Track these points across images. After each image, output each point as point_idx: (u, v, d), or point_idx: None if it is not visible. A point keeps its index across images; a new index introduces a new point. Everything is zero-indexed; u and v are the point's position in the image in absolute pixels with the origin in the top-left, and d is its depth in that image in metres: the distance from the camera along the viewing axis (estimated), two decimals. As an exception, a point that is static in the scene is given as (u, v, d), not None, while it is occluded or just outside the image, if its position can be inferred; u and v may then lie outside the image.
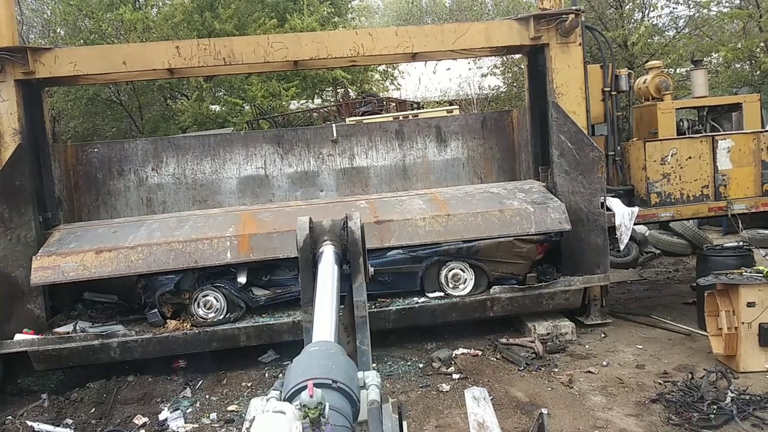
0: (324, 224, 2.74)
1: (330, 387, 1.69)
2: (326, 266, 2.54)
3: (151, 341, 6.84)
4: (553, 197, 7.58)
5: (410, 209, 7.42)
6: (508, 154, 9.11)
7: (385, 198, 7.92)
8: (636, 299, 8.91)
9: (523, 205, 7.40)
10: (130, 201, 8.62)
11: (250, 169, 8.81)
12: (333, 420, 1.55)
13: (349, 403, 1.72)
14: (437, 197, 7.72)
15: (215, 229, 7.13)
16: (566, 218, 7.30)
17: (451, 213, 7.29)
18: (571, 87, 7.81)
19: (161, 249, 6.88)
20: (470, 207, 7.42)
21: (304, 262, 2.66)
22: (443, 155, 9.15)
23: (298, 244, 2.68)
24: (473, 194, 7.79)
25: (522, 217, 7.27)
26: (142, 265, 6.83)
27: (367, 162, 9.07)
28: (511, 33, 7.72)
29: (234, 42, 7.41)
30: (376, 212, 7.33)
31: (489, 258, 7.23)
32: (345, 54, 7.49)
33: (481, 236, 7.16)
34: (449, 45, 7.65)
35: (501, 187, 8.04)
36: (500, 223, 7.23)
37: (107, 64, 7.25)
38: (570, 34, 7.74)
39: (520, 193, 7.73)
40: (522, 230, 7.20)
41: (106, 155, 8.55)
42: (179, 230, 7.16)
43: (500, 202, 7.50)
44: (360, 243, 2.67)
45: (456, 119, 9.39)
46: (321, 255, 2.62)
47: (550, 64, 7.79)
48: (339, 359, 1.87)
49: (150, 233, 7.14)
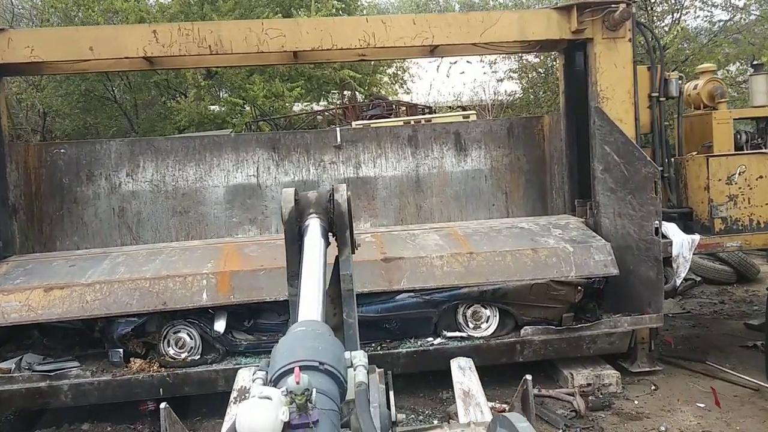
0: (310, 196, 2.68)
1: (317, 369, 1.64)
2: (312, 240, 2.49)
3: (110, 384, 5.66)
4: (595, 235, 6.40)
5: (425, 245, 6.22)
6: (538, 166, 7.91)
7: (394, 231, 6.74)
8: (683, 338, 7.69)
9: (561, 244, 6.21)
10: (99, 210, 7.44)
11: (240, 177, 7.63)
12: (320, 404, 1.51)
13: (336, 385, 1.67)
14: (456, 232, 6.52)
15: (191, 265, 5.96)
16: (612, 261, 6.12)
17: (474, 251, 6.09)
18: (617, 90, 6.62)
19: (124, 287, 5.72)
20: (497, 244, 6.22)
21: (290, 235, 2.60)
22: (462, 165, 7.95)
23: (282, 216, 2.62)
24: (499, 229, 6.59)
25: (559, 258, 6.08)
26: (98, 307, 5.65)
27: (374, 171, 7.89)
28: (549, 25, 6.54)
29: (222, 27, 6.23)
30: (384, 248, 6.14)
31: (519, 302, 6.02)
32: (353, 45, 6.31)
33: (510, 279, 5.96)
34: (475, 37, 6.47)
35: (532, 222, 6.85)
36: (533, 264, 6.03)
37: (71, 50, 6.09)
38: (618, 28, 6.55)
39: (556, 229, 6.54)
40: (560, 273, 6.00)
41: (74, 157, 7.38)
42: (148, 265, 5.99)
43: (533, 240, 6.31)
44: (346, 216, 2.61)
45: (478, 125, 8.19)
46: (307, 228, 2.56)
47: (594, 62, 6.61)
48: (326, 340, 1.83)
49: (113, 268, 5.98)
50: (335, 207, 2.60)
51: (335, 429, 1.55)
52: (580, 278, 6.04)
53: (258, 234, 7.64)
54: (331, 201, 2.61)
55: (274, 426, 1.40)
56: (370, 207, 7.86)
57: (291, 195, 2.64)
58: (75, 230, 7.43)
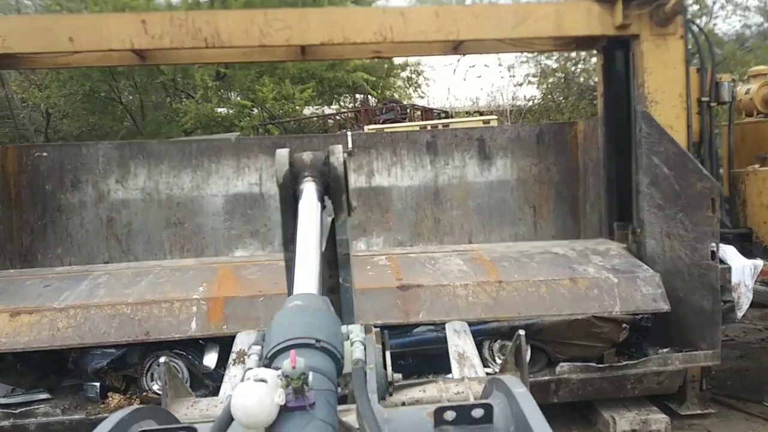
0: (305, 158, 2.50)
1: (313, 347, 1.58)
2: (307, 203, 2.36)
3: (82, 424, 4.92)
4: (641, 264, 5.61)
5: (446, 271, 5.44)
6: (570, 178, 7.14)
7: (411, 254, 5.96)
8: (732, 372, 6.87)
9: (603, 273, 5.42)
10: (85, 221, 6.75)
11: (241, 185, 6.92)
12: (317, 384, 1.44)
13: (333, 361, 1.61)
14: (482, 256, 5.73)
15: (180, 288, 5.23)
16: (662, 294, 5.34)
17: (504, 280, 5.29)
18: (667, 93, 5.84)
19: (101, 314, 4.98)
20: (529, 272, 5.44)
21: (284, 199, 2.47)
22: (486, 175, 7.20)
23: (277, 179, 2.44)
24: (531, 254, 5.80)
25: (601, 290, 5.29)
26: (71, 336, 4.92)
27: (389, 181, 7.16)
28: (590, 19, 5.77)
29: (219, 17, 5.49)
30: (400, 273, 5.38)
31: (555, 340, 5.25)
32: (367, 39, 5.56)
33: (545, 314, 5.18)
34: (506, 32, 5.72)
35: (567, 246, 6.04)
36: (572, 296, 5.25)
37: (48, 41, 5.37)
38: (669, 23, 5.77)
39: (595, 255, 5.75)
40: (602, 308, 5.21)
41: (58, 161, 6.70)
42: (132, 287, 5.26)
43: (570, 268, 5.52)
44: (343, 179, 2.46)
45: (504, 131, 7.42)
46: (302, 192, 2.40)
47: (641, 61, 5.83)
48: (322, 315, 1.74)
49: (92, 290, 5.26)
50: (332, 170, 2.45)
51: (332, 409, 1.48)
52: (626, 314, 5.26)
53: (260, 248, 6.93)
54: (327, 164, 2.47)
55: (270, 410, 1.35)
56: (383, 220, 7.12)
57: (285, 157, 2.49)
58: (58, 242, 6.75)
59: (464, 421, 1.59)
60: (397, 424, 1.66)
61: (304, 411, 1.39)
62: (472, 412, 1.58)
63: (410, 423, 1.67)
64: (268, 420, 1.35)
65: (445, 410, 1.58)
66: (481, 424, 1.58)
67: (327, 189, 2.49)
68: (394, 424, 1.66)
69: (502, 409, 1.63)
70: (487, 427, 1.59)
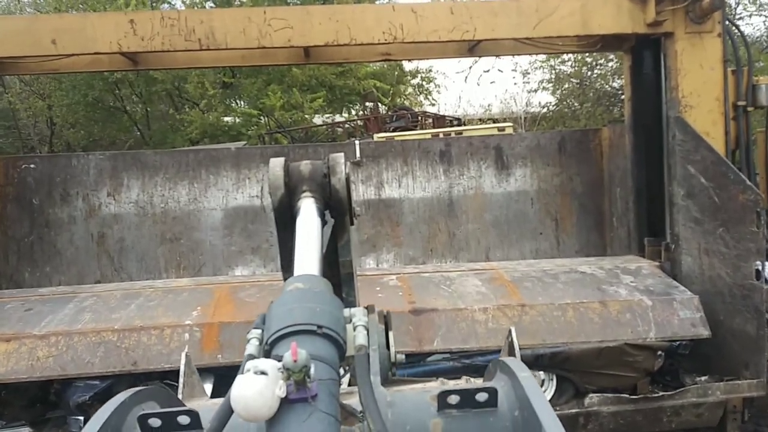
0: (302, 170, 2.23)
1: (315, 333, 1.54)
2: (306, 220, 2.11)
3: (63, 463, 4.49)
4: (677, 285, 5.10)
5: (463, 293, 4.94)
6: (595, 189, 6.63)
7: (424, 273, 5.47)
8: (772, 399, 6.33)
9: (635, 295, 4.90)
10: (75, 237, 6.32)
11: (241, 198, 6.47)
12: (319, 373, 1.40)
13: (335, 347, 1.57)
14: (502, 276, 5.22)
15: (172, 312, 4.77)
16: (702, 319, 4.82)
17: (527, 303, 4.78)
18: (704, 97, 5.35)
19: (85, 341, 4.53)
20: (554, 294, 4.93)
21: (281, 221, 2.23)
22: (504, 186, 6.72)
23: (273, 202, 2.19)
24: (555, 274, 5.29)
25: (635, 314, 4.77)
26: (52, 366, 4.46)
27: (399, 192, 6.69)
28: (620, 15, 5.31)
29: (215, 16, 5.06)
30: (412, 295, 4.89)
31: (583, 369, 4.75)
32: (376, 39, 5.12)
33: (573, 341, 4.68)
34: (527, 30, 5.25)
35: (594, 265, 5.53)
36: (602, 321, 4.73)
37: (29, 44, 4.96)
38: (706, 20, 5.30)
39: (626, 275, 5.23)
40: (635, 335, 4.70)
41: (47, 173, 6.27)
42: (120, 311, 4.81)
43: (599, 289, 5.00)
44: (346, 201, 2.23)
45: (523, 139, 6.92)
46: (299, 210, 2.17)
47: (674, 62, 5.35)
48: (324, 298, 1.67)
49: (76, 314, 4.81)
50: (333, 193, 2.23)
51: (334, 400, 1.42)
52: (662, 341, 4.75)
53: (262, 265, 6.48)
54: (328, 178, 2.24)
55: (271, 403, 1.30)
56: (393, 234, 6.65)
57: (280, 173, 2.22)
58: (47, 260, 6.31)
59: (468, 404, 1.57)
60: (400, 408, 1.64)
61: (305, 403, 1.36)
62: (477, 396, 1.57)
63: (413, 406, 1.65)
64: (268, 413, 1.32)
65: (449, 394, 1.57)
66: (486, 408, 1.57)
67: (327, 204, 2.28)
68: (397, 408, 1.64)
69: (506, 393, 1.61)
70: (492, 410, 1.59)
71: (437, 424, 1.58)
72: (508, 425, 1.57)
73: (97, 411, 1.50)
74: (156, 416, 1.55)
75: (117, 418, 1.54)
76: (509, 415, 1.58)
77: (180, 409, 1.59)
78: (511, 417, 1.58)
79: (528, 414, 1.49)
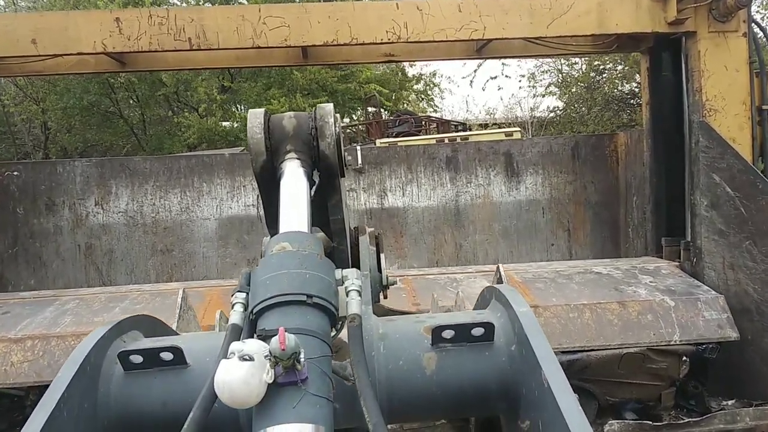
0: (286, 125, 1.98)
1: (304, 303, 1.46)
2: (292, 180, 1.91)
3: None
4: (700, 284, 4.75)
5: (470, 295, 4.60)
6: (610, 197, 6.31)
7: (429, 275, 5.13)
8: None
9: (656, 295, 4.55)
10: (61, 248, 6.00)
11: (236, 207, 6.15)
12: (310, 350, 1.34)
13: (326, 317, 1.50)
14: (512, 277, 4.85)
15: (159, 316, 4.35)
16: (729, 320, 4.47)
17: (540, 304, 4.43)
18: (729, 100, 5.00)
19: (64, 345, 4.19)
20: (569, 295, 4.57)
21: (264, 185, 2.01)
22: (514, 195, 6.39)
23: (253, 164, 1.94)
24: (569, 274, 4.93)
25: (656, 315, 4.41)
26: (26, 372, 4.12)
27: (403, 201, 6.36)
28: (639, 13, 4.96)
29: (206, 14, 4.72)
30: (417, 297, 4.58)
31: (604, 378, 4.40)
32: (378, 38, 4.78)
33: (591, 345, 4.32)
34: (540, 29, 4.91)
35: (610, 265, 5.17)
36: (621, 323, 4.37)
37: (9, 44, 4.62)
38: (730, 19, 4.96)
39: (644, 275, 4.88)
40: (658, 337, 4.34)
41: (31, 182, 5.96)
42: (103, 314, 4.49)
43: (617, 289, 4.65)
44: (336, 166, 2.01)
45: (534, 144, 6.59)
46: (283, 173, 1.95)
47: (697, 63, 5.01)
48: (313, 261, 1.57)
49: (57, 317, 4.47)
50: (321, 156, 2.01)
51: (326, 378, 1.36)
52: (687, 344, 4.40)
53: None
54: (316, 139, 2.02)
55: (257, 390, 1.25)
56: (397, 245, 6.32)
57: (261, 135, 1.95)
58: (32, 272, 6.00)
59: (463, 339, 1.54)
60: (392, 342, 1.59)
61: (295, 387, 1.30)
62: (472, 331, 1.53)
63: (407, 340, 1.59)
64: (255, 400, 1.26)
65: (443, 329, 1.53)
66: (481, 342, 1.54)
67: (315, 166, 2.08)
68: (389, 341, 1.59)
69: (503, 326, 1.57)
70: (487, 344, 1.55)
71: (431, 359, 1.53)
72: (504, 360, 1.53)
73: (76, 347, 1.44)
74: (137, 353, 1.49)
75: (97, 353, 1.48)
76: (506, 349, 1.54)
77: (162, 345, 1.53)
78: (507, 351, 1.53)
79: (526, 351, 1.44)
